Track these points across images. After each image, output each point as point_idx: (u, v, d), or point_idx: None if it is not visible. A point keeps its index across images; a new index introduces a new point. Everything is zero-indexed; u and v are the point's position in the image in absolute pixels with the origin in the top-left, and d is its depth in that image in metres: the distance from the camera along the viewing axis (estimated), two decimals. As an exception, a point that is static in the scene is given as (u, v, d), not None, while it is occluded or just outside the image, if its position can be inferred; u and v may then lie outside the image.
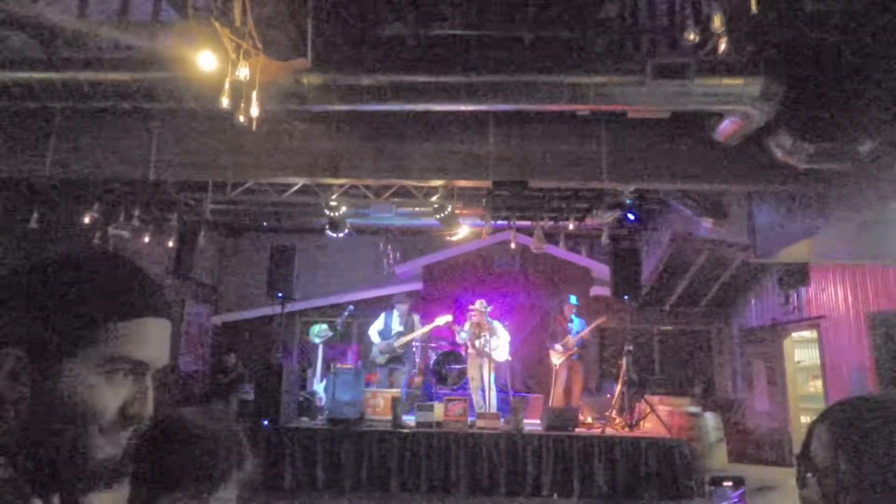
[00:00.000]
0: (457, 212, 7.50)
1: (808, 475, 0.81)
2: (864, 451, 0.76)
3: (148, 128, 5.81)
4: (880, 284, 7.19)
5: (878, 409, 0.79)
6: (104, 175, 6.06)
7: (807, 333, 8.94)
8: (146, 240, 8.66)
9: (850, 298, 7.75)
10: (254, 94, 3.86)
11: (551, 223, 8.57)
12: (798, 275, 8.74)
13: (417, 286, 11.15)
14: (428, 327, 8.08)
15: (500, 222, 8.74)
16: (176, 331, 9.99)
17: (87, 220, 7.44)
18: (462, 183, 6.55)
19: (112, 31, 4.66)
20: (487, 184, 6.31)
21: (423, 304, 10.01)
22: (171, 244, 9.36)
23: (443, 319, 7.96)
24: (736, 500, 0.82)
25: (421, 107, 5.03)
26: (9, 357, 0.69)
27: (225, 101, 3.79)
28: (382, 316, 8.18)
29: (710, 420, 8.12)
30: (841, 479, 0.76)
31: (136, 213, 8.04)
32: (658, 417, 6.99)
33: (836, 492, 0.76)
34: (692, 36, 3.78)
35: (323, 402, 7.38)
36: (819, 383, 8.65)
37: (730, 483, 0.79)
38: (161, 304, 0.77)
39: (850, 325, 7.70)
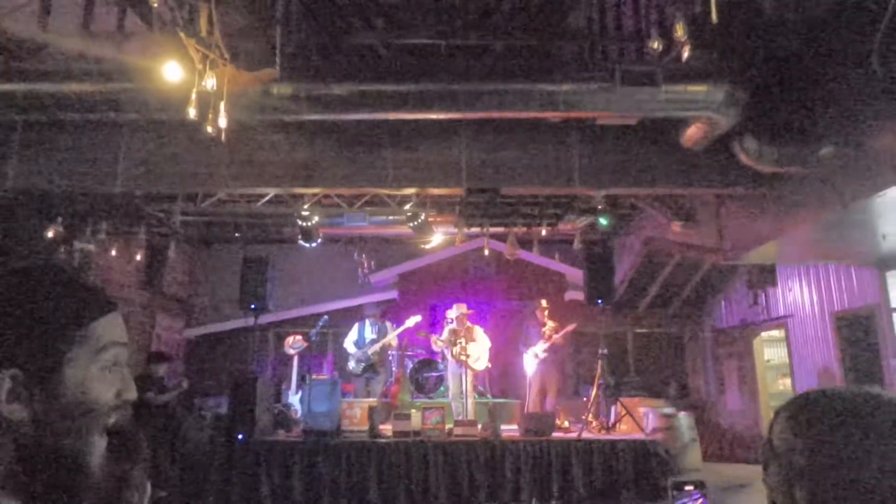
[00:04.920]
0: (430, 220, 7.51)
1: (770, 461, 0.84)
2: (820, 439, 0.79)
3: (114, 139, 5.69)
4: (844, 284, 7.39)
5: (838, 402, 0.82)
6: (69, 188, 5.90)
7: (775, 333, 9.13)
8: (114, 253, 8.48)
9: (815, 298, 7.94)
10: (221, 105, 3.82)
11: (524, 229, 8.63)
12: (766, 276, 8.94)
13: (393, 295, 11.11)
14: (399, 329, 8.04)
15: (473, 229, 8.77)
16: (147, 345, 9.79)
17: (51, 234, 7.24)
18: (435, 191, 6.55)
19: (76, 42, 4.57)
20: (460, 191, 6.33)
21: (398, 313, 9.97)
22: (140, 258, 9.18)
23: (413, 321, 7.93)
24: (697, 496, 0.84)
25: (392, 115, 5.03)
26: (5, 380, 0.69)
27: (192, 112, 3.74)
28: (356, 326, 8.14)
29: (684, 420, 8.23)
30: (797, 464, 0.79)
31: (103, 226, 7.87)
32: (634, 419, 7.07)
33: (792, 477, 0.80)
34: (656, 44, 3.86)
35: (299, 414, 7.29)
36: (788, 381, 8.84)
37: (691, 487, 0.81)
38: (114, 301, 0.84)
39: (816, 324, 7.89)
